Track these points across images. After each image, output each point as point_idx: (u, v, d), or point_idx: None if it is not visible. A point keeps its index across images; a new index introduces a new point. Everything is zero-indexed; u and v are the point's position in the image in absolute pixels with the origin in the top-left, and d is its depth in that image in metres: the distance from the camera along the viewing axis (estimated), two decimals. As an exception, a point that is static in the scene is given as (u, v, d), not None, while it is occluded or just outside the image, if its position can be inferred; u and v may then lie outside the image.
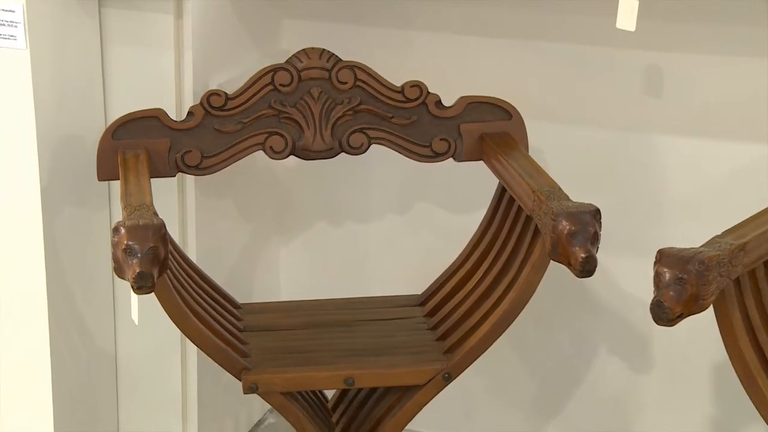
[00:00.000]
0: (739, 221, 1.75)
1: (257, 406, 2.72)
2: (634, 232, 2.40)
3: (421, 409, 1.95)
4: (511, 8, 2.41)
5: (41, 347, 2.21)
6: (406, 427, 2.01)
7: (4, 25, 2.02)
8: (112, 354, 2.44)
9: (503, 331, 1.91)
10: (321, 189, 2.65)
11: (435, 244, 2.35)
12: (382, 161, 2.34)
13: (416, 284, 2.22)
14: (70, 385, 2.30)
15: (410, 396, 1.93)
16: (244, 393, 1.90)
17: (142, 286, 1.65)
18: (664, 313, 1.59)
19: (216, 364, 1.93)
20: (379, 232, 2.64)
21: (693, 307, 1.59)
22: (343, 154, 2.11)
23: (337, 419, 2.09)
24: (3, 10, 2.01)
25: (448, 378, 1.93)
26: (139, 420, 2.49)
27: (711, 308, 1.66)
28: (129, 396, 2.48)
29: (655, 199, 2.44)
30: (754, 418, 1.77)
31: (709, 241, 1.66)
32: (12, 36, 2.03)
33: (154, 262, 1.67)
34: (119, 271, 1.70)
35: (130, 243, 1.66)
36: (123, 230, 1.68)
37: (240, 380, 1.91)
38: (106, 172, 2.02)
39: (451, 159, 2.13)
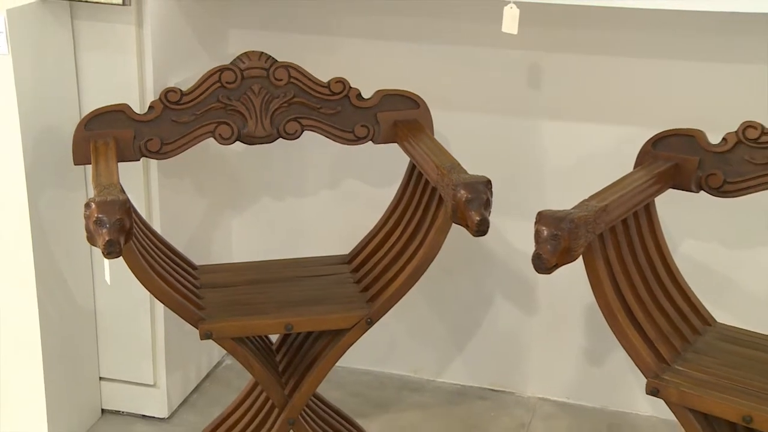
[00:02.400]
0: (602, 188, 1.77)
1: (216, 351, 2.71)
2: (520, 198, 2.42)
3: (348, 348, 1.95)
4: (417, 18, 2.41)
5: (30, 306, 2.20)
6: (338, 364, 2.01)
7: (-12, 34, 2.01)
8: (91, 310, 2.42)
9: (415, 282, 1.91)
10: (265, 169, 2.63)
11: (359, 213, 2.35)
12: (315, 145, 2.33)
13: (344, 246, 2.21)
14: (57, 338, 2.28)
15: (339, 338, 1.93)
16: (201, 339, 1.89)
17: (111, 251, 1.64)
18: (543, 264, 1.62)
19: (177, 316, 1.91)
20: (314, 203, 2.63)
21: (566, 258, 1.62)
22: (281, 139, 2.10)
23: (280, 359, 2.09)
24: (-13, 22, 2.00)
25: (370, 322, 1.92)
26: (116, 365, 2.47)
27: (581, 258, 1.68)
28: (107, 345, 2.45)
29: (536, 172, 2.46)
30: (616, 346, 1.78)
31: (578, 204, 1.69)
32: (-5, 43, 2.03)
33: (120, 231, 1.65)
34: (91, 239, 1.68)
35: (99, 216, 1.64)
36: (93, 205, 1.65)
37: (197, 329, 1.89)
38: (80, 158, 1.99)
39: (370, 142, 2.12)
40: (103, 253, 1.64)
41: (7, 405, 2.28)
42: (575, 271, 1.78)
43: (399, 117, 2.10)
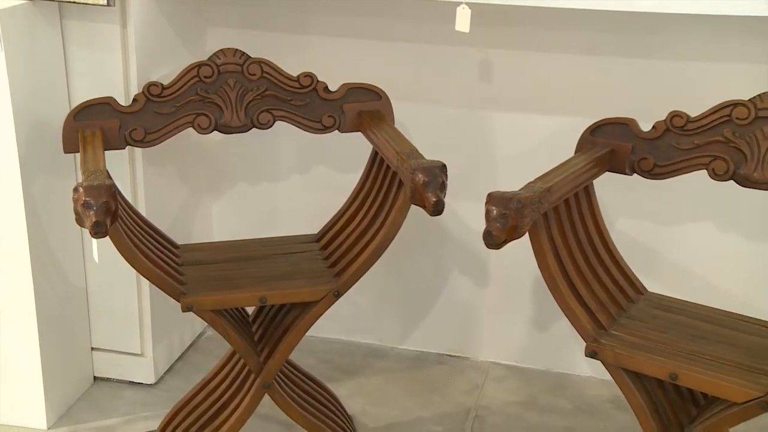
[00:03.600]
0: (546, 172, 1.77)
1: (198, 322, 2.69)
2: (473, 181, 2.42)
3: (317, 318, 1.94)
4: (379, 18, 2.40)
5: (26, 284, 2.18)
6: (309, 333, 2.00)
7: (-18, 34, 1.98)
8: (83, 287, 2.40)
9: (378, 258, 1.90)
10: (241, 156, 2.62)
11: (327, 196, 2.34)
12: (286, 134, 2.32)
13: (313, 226, 2.20)
14: (51, 312, 2.27)
15: (309, 309, 1.92)
16: (183, 311, 1.88)
17: (97, 232, 1.62)
18: (493, 240, 1.61)
19: (162, 291, 1.90)
20: (286, 188, 2.62)
21: (513, 234, 1.61)
22: (255, 129, 2.08)
23: (256, 329, 2.08)
24: (-20, 22, 1.97)
25: (338, 295, 1.92)
26: (107, 336, 2.45)
27: (527, 235, 1.68)
28: (98, 319, 2.44)
29: (488, 158, 2.46)
30: (560, 314, 1.79)
31: (525, 186, 1.69)
32: (-10, 42, 2.00)
33: (106, 213, 1.63)
34: (79, 221, 1.66)
35: (87, 199, 1.62)
36: (81, 189, 1.63)
37: (179, 302, 1.87)
38: (70, 147, 1.96)
39: (337, 131, 2.11)
40: (90, 233, 1.62)
41: (7, 374, 2.26)
42: (523, 247, 1.78)
43: (363, 108, 2.09)
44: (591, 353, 1.71)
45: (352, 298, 2.38)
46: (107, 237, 1.67)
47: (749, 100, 1.78)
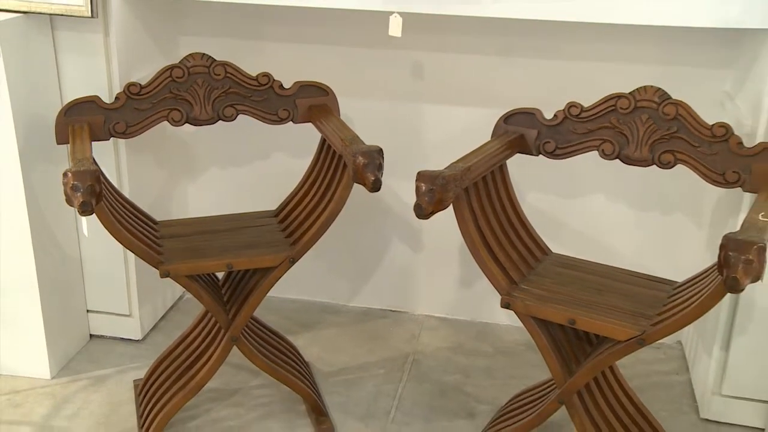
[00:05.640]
0: (466, 154, 1.78)
1: (177, 288, 2.67)
2: (406, 163, 2.40)
3: (276, 281, 1.93)
4: (325, 26, 2.38)
5: (28, 257, 2.16)
6: (271, 294, 1.99)
7: (-17, 42, 1.94)
8: (78, 258, 2.37)
9: (327, 229, 1.90)
10: (211, 145, 2.59)
11: (283, 177, 2.32)
12: (248, 126, 2.29)
13: (272, 203, 2.19)
14: (51, 280, 2.24)
15: (269, 273, 1.92)
16: (161, 278, 1.86)
17: (84, 210, 1.60)
18: (422, 212, 1.61)
19: (142, 260, 1.88)
20: (251, 172, 2.60)
21: (439, 206, 1.61)
22: (221, 121, 2.06)
23: (225, 291, 2.07)
24: (-18, 31, 1.93)
25: (293, 261, 1.91)
26: (100, 300, 2.43)
27: (452, 207, 1.69)
28: (91, 285, 2.41)
29: (419, 143, 2.46)
30: (480, 274, 1.80)
31: (449, 165, 1.68)
32: (-10, 49, 1.96)
33: (92, 194, 1.61)
34: (69, 201, 1.63)
35: (74, 182, 1.60)
36: (70, 174, 1.61)
37: (158, 269, 1.85)
38: (61, 139, 1.93)
39: (291, 122, 2.09)
40: (78, 211, 1.60)
41: (16, 334, 2.24)
42: (449, 218, 1.79)
43: (312, 102, 2.07)
44: (505, 305, 1.73)
45: (307, 263, 2.38)
46: (94, 215, 1.65)
47: (629, 93, 1.80)
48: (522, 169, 2.20)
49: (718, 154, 1.73)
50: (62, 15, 2.06)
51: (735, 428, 2.14)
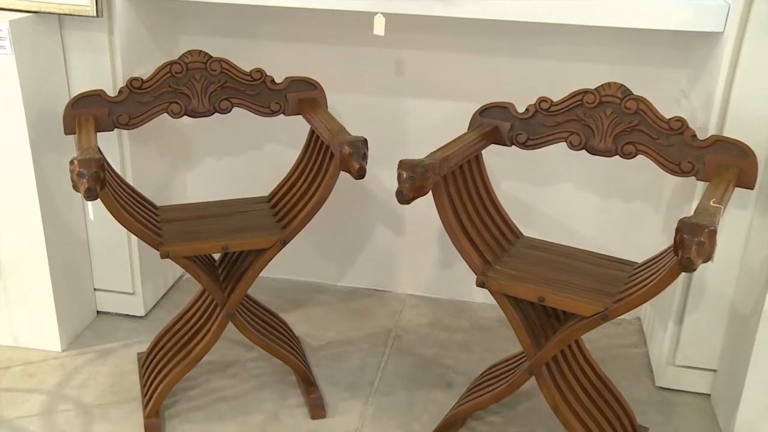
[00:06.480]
0: (444, 144, 1.78)
1: (177, 268, 2.68)
2: (389, 153, 2.42)
3: (268, 262, 1.93)
4: (315, 26, 2.38)
5: (39, 240, 2.16)
6: (264, 274, 2.00)
7: (-4, 38, 1.94)
8: (85, 240, 2.37)
9: (315, 214, 1.90)
10: (208, 136, 2.58)
11: (275, 166, 2.33)
12: (242, 118, 2.29)
13: (265, 189, 2.19)
14: (61, 261, 2.24)
15: (262, 255, 1.92)
16: (161, 258, 1.86)
17: (89, 196, 1.60)
18: (403, 197, 1.61)
19: (144, 242, 1.88)
20: (246, 161, 2.59)
21: (419, 193, 1.61)
22: (217, 114, 2.05)
23: (221, 272, 2.07)
24: (-6, 29, 1.93)
25: (284, 243, 1.91)
26: (106, 279, 2.43)
27: (431, 193, 1.69)
28: (98, 265, 2.41)
29: (401, 134, 2.46)
30: (458, 255, 1.81)
31: (428, 155, 1.68)
32: (2, 46, 1.95)
33: (96, 180, 1.61)
34: (75, 187, 1.62)
35: (80, 170, 1.60)
36: (76, 162, 1.60)
37: (158, 251, 1.86)
38: (69, 129, 1.92)
39: (282, 115, 2.09)
40: (83, 197, 1.60)
41: (29, 310, 2.24)
42: (429, 203, 1.80)
43: (302, 96, 2.07)
44: (480, 284, 1.72)
45: (297, 245, 2.39)
46: (98, 200, 1.65)
47: (595, 89, 1.80)
48: (496, 159, 2.21)
49: (675, 146, 1.75)
50: (70, 15, 2.05)
51: (685, 394, 2.18)
